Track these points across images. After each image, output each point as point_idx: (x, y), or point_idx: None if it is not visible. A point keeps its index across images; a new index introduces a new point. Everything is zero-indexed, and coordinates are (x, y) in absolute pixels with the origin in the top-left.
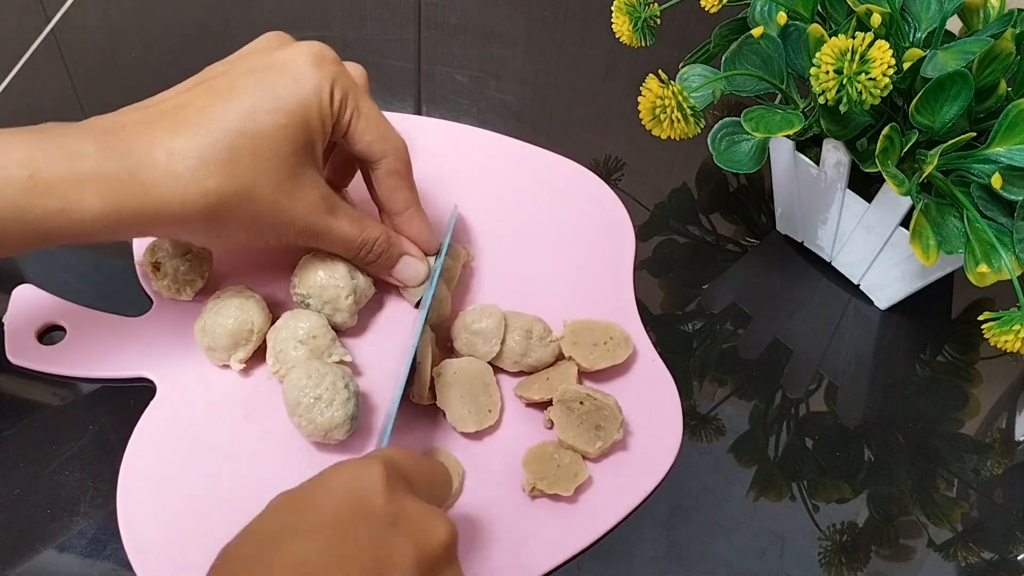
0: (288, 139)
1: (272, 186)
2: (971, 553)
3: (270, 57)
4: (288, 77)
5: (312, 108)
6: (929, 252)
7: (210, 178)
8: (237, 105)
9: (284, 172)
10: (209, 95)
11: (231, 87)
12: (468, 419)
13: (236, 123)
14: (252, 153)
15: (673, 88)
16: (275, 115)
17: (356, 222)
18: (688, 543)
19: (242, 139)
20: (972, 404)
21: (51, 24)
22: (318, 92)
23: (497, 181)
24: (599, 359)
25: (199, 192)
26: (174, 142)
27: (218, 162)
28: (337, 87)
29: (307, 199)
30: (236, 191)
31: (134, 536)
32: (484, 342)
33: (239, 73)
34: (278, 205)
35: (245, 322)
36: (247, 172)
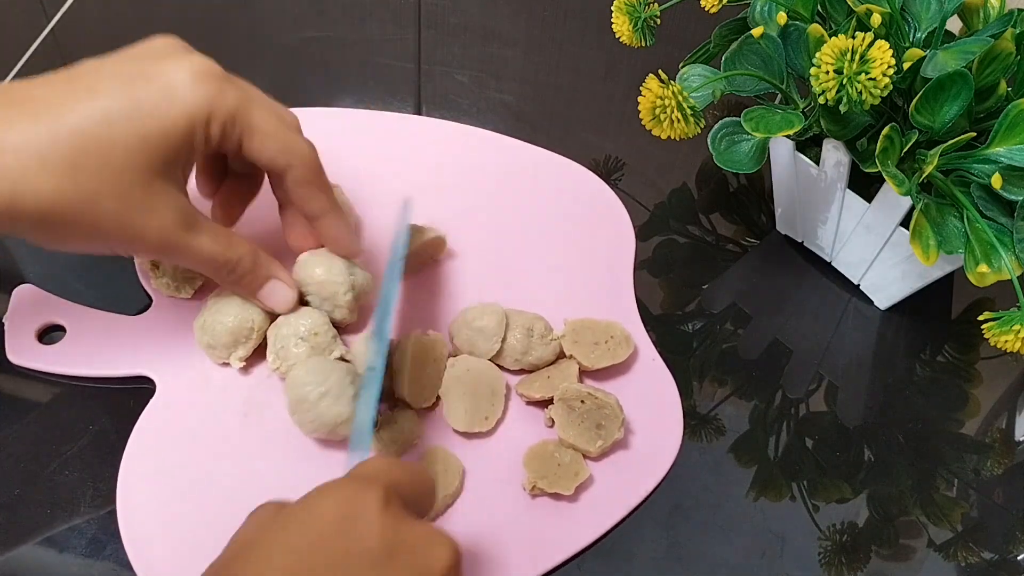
0: (144, 152)
1: (118, 198)
2: (971, 553)
3: (146, 66)
4: (157, 90)
5: (178, 127)
6: (929, 252)
7: (46, 179)
8: (92, 108)
9: (135, 185)
10: (65, 92)
11: (91, 89)
12: (461, 417)
13: (86, 126)
14: (98, 160)
15: (673, 88)
16: (132, 125)
17: (220, 240)
18: (688, 543)
19: (89, 142)
20: (972, 404)
21: (51, 24)
22: (188, 112)
23: (497, 181)
24: (600, 358)
25: (30, 191)
26: (12, 132)
27: (58, 164)
28: (218, 108)
29: (161, 215)
30: (75, 197)
31: (134, 536)
32: (485, 340)
33: (106, 75)
34: (125, 218)
35: (246, 320)
36: (89, 180)
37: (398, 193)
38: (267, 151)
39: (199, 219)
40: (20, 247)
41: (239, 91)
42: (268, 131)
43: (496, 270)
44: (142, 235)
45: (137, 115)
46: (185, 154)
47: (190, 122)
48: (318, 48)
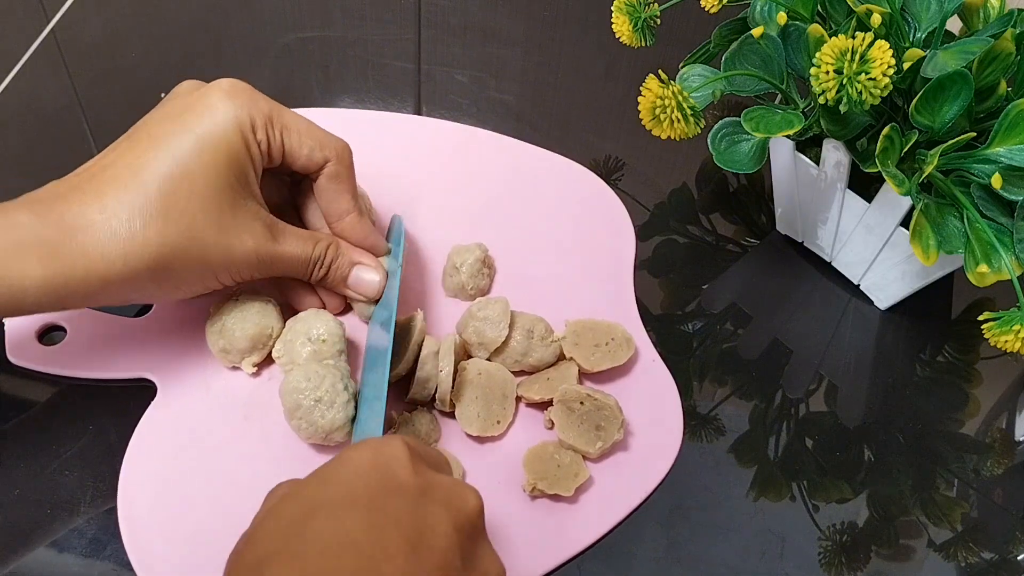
0: (219, 175)
1: (213, 224)
2: (971, 553)
3: (184, 101)
4: (203, 115)
5: (234, 139)
6: (929, 252)
7: (148, 228)
8: (161, 152)
9: (222, 209)
10: (131, 149)
11: (151, 136)
12: (474, 422)
13: (163, 169)
14: (186, 196)
15: (673, 88)
16: (200, 154)
17: (303, 240)
18: (688, 543)
19: (171, 184)
20: (972, 404)
21: (51, 24)
22: (236, 122)
23: (497, 182)
24: (600, 360)
25: (140, 244)
26: (105, 200)
27: (153, 212)
28: (256, 112)
29: (252, 231)
30: (177, 237)
31: (134, 536)
32: (492, 327)
33: (156, 121)
34: (225, 243)
35: (265, 327)
36: (184, 216)
37: (398, 194)
38: (305, 146)
39: (281, 226)
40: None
41: (268, 99)
42: (302, 128)
43: (497, 270)
44: (243, 256)
45: (198, 144)
46: (251, 164)
47: (240, 132)
48: (318, 48)
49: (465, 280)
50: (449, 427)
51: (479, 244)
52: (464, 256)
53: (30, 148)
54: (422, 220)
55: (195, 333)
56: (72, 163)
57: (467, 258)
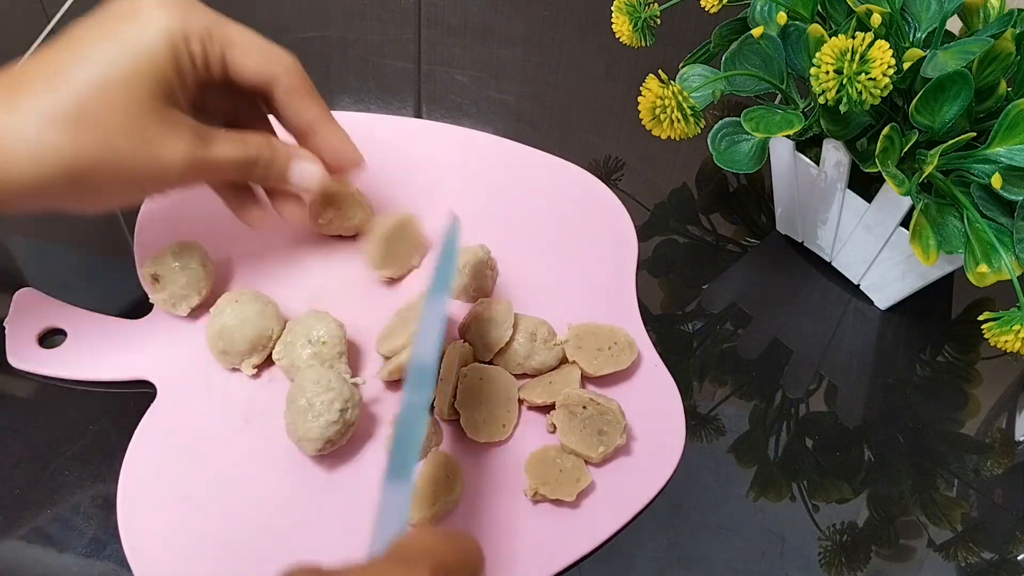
0: (141, 84)
1: (133, 134)
2: (971, 553)
3: (116, 7)
4: (133, 23)
5: (162, 49)
6: (929, 252)
7: (60, 134)
8: (81, 59)
9: (144, 119)
10: (53, 53)
11: (74, 42)
12: (481, 428)
13: (81, 75)
14: (102, 104)
15: (673, 88)
16: (122, 62)
17: (236, 142)
18: (688, 543)
19: (88, 90)
20: (972, 404)
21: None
22: (166, 32)
23: (499, 184)
24: (603, 364)
25: (51, 150)
26: (18, 100)
27: (66, 118)
28: (192, 24)
29: (177, 139)
30: (92, 146)
31: (134, 536)
32: (495, 328)
33: (84, 27)
34: (146, 152)
35: (265, 329)
36: (100, 125)
37: (400, 197)
38: (251, 62)
39: (211, 132)
40: (21, 250)
41: (208, 11)
42: (247, 42)
43: (499, 274)
44: (167, 164)
45: (123, 54)
46: (179, 76)
47: (170, 42)
48: (318, 48)
49: (468, 281)
50: (450, 432)
51: (481, 245)
52: (467, 257)
53: None
54: (424, 221)
55: (195, 335)
56: None
57: (470, 259)
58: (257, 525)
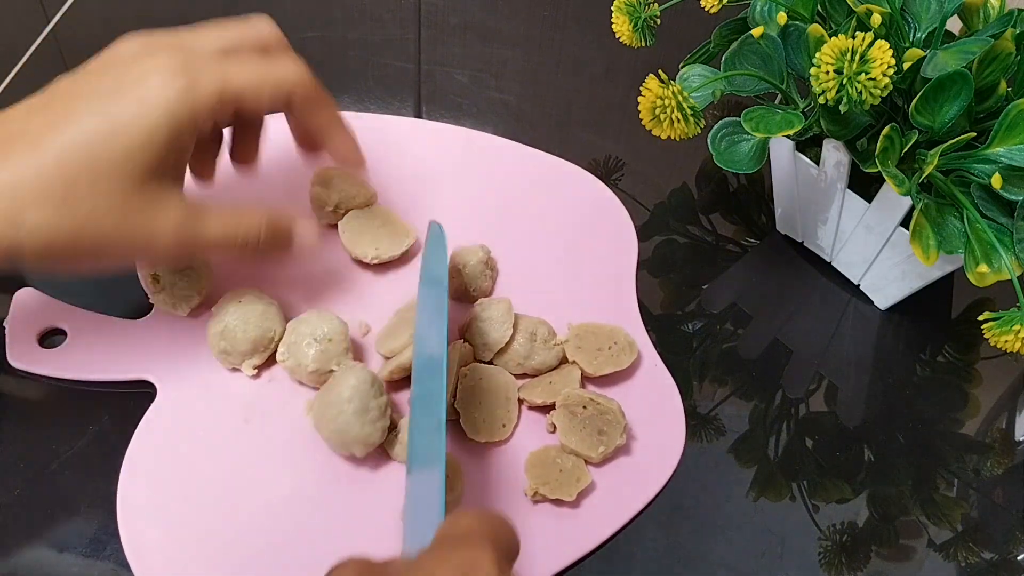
0: (130, 165)
1: (116, 214)
2: (971, 553)
3: (117, 77)
4: (132, 103)
5: (162, 132)
6: (929, 252)
7: (40, 213)
8: (72, 133)
9: (129, 198)
10: (43, 122)
11: (68, 112)
12: (480, 428)
13: (69, 153)
14: (88, 184)
15: (673, 88)
16: (113, 143)
17: (229, 219)
18: (688, 543)
19: (76, 169)
20: (972, 404)
21: (51, 24)
22: (171, 117)
23: (498, 185)
24: (603, 364)
25: (27, 229)
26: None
27: (49, 196)
28: (199, 102)
29: (164, 217)
30: (72, 224)
31: (134, 536)
32: (495, 328)
33: (80, 95)
34: (128, 231)
35: (267, 330)
36: (82, 204)
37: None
38: (263, 101)
39: (203, 206)
40: None
41: (212, 69)
42: (255, 84)
43: (499, 274)
44: (151, 242)
45: (115, 133)
46: (175, 153)
47: (173, 126)
48: (318, 48)
49: (468, 282)
50: (450, 431)
51: (481, 246)
52: (467, 258)
53: None
54: (424, 222)
55: (195, 335)
56: None
57: (470, 259)
58: (257, 525)
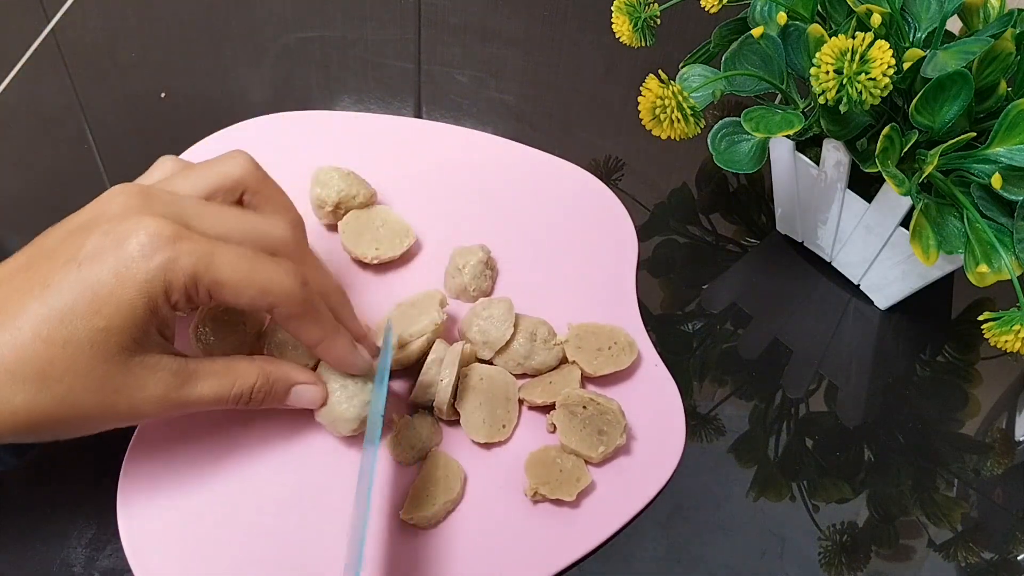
0: (109, 342)
1: (96, 390)
2: (971, 553)
3: (100, 236)
4: (109, 272)
5: (136, 308)
6: (929, 252)
7: (16, 394)
8: (50, 308)
9: (109, 373)
10: (23, 293)
11: (46, 283)
12: (480, 429)
13: (46, 330)
14: (65, 362)
15: (673, 88)
16: (92, 319)
17: (223, 378)
18: (688, 544)
19: (52, 348)
20: (972, 404)
21: (51, 24)
22: (144, 291)
23: (498, 185)
24: (603, 364)
25: (5, 410)
26: None
27: (25, 376)
28: (175, 276)
29: (149, 386)
30: (50, 403)
31: (134, 536)
32: (496, 327)
33: (59, 263)
34: (110, 404)
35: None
36: (60, 383)
37: (401, 197)
38: (242, 298)
39: (192, 367)
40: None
41: (197, 247)
42: (237, 279)
43: (499, 274)
44: (135, 411)
45: (93, 307)
46: (156, 324)
47: (148, 299)
48: (318, 48)
49: (468, 282)
50: (450, 431)
51: (481, 246)
52: (467, 258)
53: (30, 148)
54: (425, 222)
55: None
56: (72, 163)
57: (470, 260)
58: (257, 525)
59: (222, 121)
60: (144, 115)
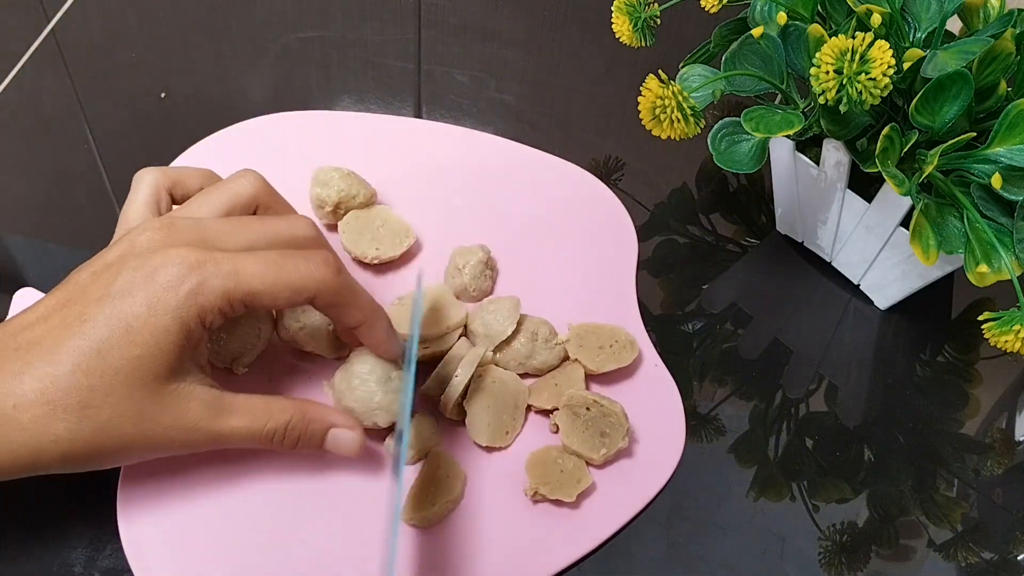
0: (143, 371)
1: (134, 420)
2: (971, 553)
3: (130, 272)
4: (142, 305)
5: (170, 337)
6: (929, 252)
7: (58, 424)
8: (87, 340)
9: (146, 402)
10: (60, 329)
11: (83, 318)
12: (484, 431)
13: (85, 362)
14: (104, 392)
15: (673, 88)
16: (128, 348)
17: (257, 414)
18: (688, 543)
19: (91, 379)
20: (972, 404)
21: (51, 24)
22: (178, 320)
23: (498, 184)
24: (606, 361)
25: (49, 440)
26: (22, 387)
27: (66, 407)
28: (207, 302)
29: (183, 416)
30: (90, 433)
31: (134, 536)
32: (498, 322)
33: (94, 299)
34: (147, 433)
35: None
36: (100, 413)
37: (401, 197)
38: (280, 300)
39: (226, 400)
40: (21, 250)
41: (223, 268)
42: (269, 284)
43: (499, 274)
44: (170, 440)
45: (128, 337)
46: (189, 350)
47: (182, 327)
48: (318, 48)
49: (468, 281)
50: (452, 431)
51: (481, 246)
52: (467, 258)
53: (30, 148)
54: (424, 222)
55: None
56: (72, 163)
57: (470, 260)
58: (257, 525)
59: (222, 121)
60: (144, 115)
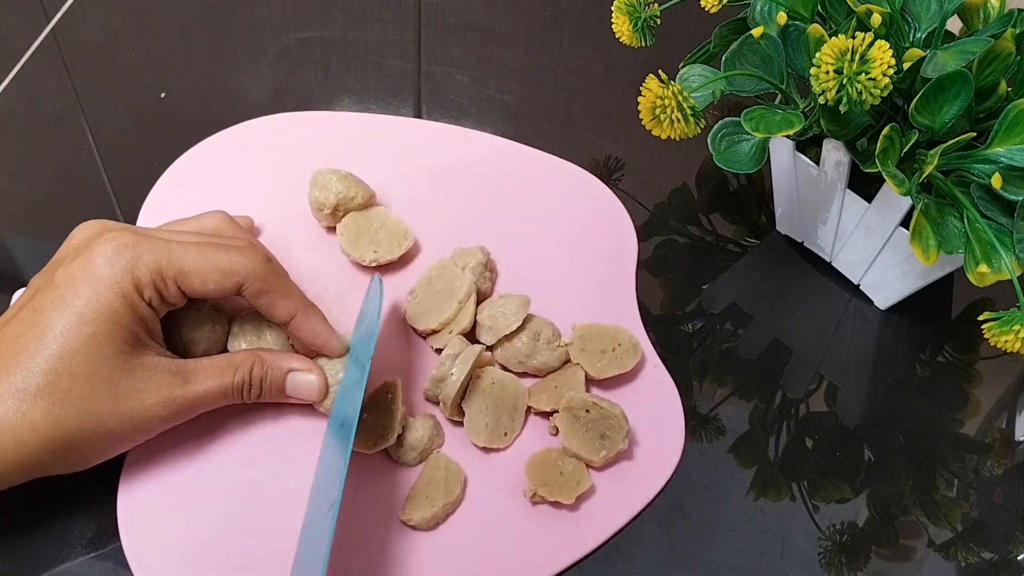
0: (101, 346)
1: (106, 393)
2: (971, 553)
3: (71, 263)
4: (83, 285)
5: (117, 307)
6: (929, 252)
7: (34, 411)
8: (43, 330)
9: (114, 376)
10: (18, 328)
11: (35, 312)
12: (482, 432)
13: (45, 349)
14: (69, 372)
15: (673, 88)
16: (79, 328)
17: (220, 371)
18: (688, 543)
19: (53, 362)
20: (972, 404)
21: (51, 24)
22: (118, 289)
23: (498, 185)
24: (607, 367)
25: (29, 430)
26: None
27: (37, 393)
28: (140, 273)
29: (154, 386)
30: (67, 416)
31: (134, 536)
32: (504, 316)
33: (43, 294)
34: (125, 409)
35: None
36: (70, 394)
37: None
38: (210, 285)
39: (191, 366)
40: (21, 250)
41: (156, 246)
42: (200, 265)
43: (499, 275)
44: (149, 415)
45: (78, 318)
46: (140, 321)
47: (125, 301)
48: (318, 48)
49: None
50: (453, 433)
51: (481, 247)
52: (466, 259)
53: (30, 148)
54: (424, 223)
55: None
56: (72, 163)
57: (469, 261)
58: (257, 525)
59: (222, 121)
60: (144, 115)
